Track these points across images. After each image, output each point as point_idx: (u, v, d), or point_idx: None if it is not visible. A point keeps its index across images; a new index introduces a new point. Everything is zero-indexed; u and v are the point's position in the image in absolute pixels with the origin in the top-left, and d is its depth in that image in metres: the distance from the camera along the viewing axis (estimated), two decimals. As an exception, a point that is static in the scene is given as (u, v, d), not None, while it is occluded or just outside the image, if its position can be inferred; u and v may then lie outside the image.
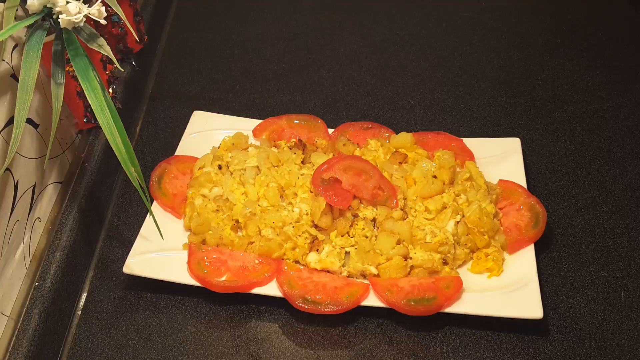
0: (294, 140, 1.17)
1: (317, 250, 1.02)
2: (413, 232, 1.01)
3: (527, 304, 0.92)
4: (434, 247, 0.99)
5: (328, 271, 1.01)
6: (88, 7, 0.94)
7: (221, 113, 1.26)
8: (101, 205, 1.15)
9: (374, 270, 0.99)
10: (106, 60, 1.14)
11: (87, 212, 1.09)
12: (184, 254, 1.02)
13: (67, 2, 0.92)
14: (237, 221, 1.05)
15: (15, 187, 0.95)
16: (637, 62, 1.39)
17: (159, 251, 1.02)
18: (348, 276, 1.01)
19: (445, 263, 1.00)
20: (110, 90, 1.15)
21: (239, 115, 1.25)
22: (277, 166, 1.11)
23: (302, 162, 1.12)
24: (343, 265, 1.01)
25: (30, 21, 0.93)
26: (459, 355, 0.93)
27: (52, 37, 0.96)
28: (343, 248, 1.02)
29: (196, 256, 1.01)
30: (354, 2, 1.61)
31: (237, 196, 1.08)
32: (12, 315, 0.94)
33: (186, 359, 0.94)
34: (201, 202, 1.08)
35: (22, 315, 0.94)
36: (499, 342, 0.94)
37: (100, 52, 0.96)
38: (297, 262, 1.03)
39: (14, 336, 0.92)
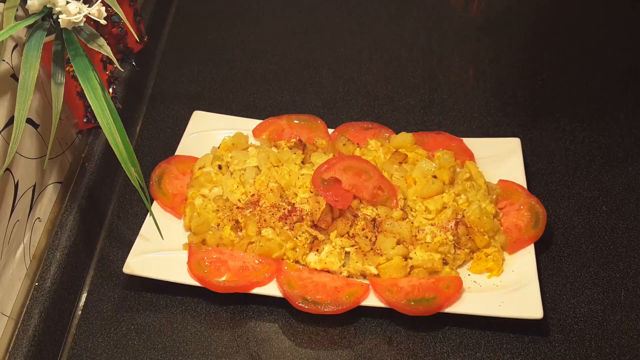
0: (294, 140, 1.17)
1: (317, 250, 1.02)
2: (413, 232, 1.01)
3: (527, 304, 0.92)
4: (434, 247, 1.00)
5: (328, 271, 1.01)
6: (88, 7, 0.94)
7: (221, 113, 1.26)
8: (101, 205, 1.15)
9: (374, 270, 0.99)
10: (106, 60, 1.14)
11: (87, 212, 1.09)
12: (184, 254, 1.02)
13: (67, 2, 0.92)
14: (237, 221, 1.05)
15: (15, 187, 0.95)
16: (637, 63, 1.39)
17: (159, 251, 1.02)
18: (348, 276, 1.01)
19: (445, 263, 1.00)
20: (110, 90, 1.15)
21: (239, 115, 1.25)
22: (277, 166, 1.11)
23: (302, 162, 1.12)
24: (343, 266, 1.01)
25: (30, 21, 0.93)
26: (459, 355, 0.93)
27: (52, 37, 0.96)
28: (343, 248, 1.02)
29: (196, 256, 1.01)
30: (354, 2, 1.61)
31: (237, 196, 1.08)
32: (12, 315, 0.94)
33: (186, 359, 0.95)
34: (201, 202, 1.08)
35: (22, 315, 0.94)
36: (499, 342, 0.94)
37: (100, 52, 0.96)
38: (297, 262, 1.03)
39: (14, 336, 0.92)
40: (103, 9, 0.95)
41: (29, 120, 1.01)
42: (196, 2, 1.64)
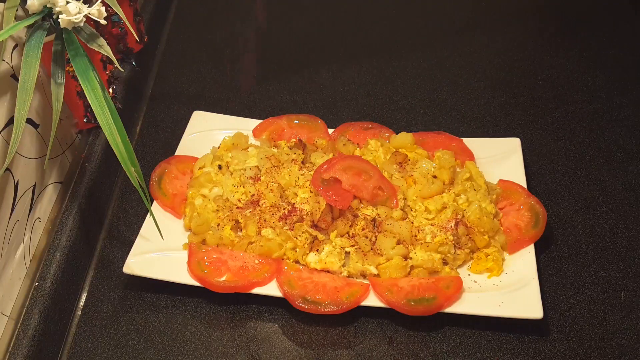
0: (294, 140, 1.17)
1: (317, 250, 1.02)
2: (413, 232, 1.01)
3: (527, 304, 0.92)
4: (434, 247, 0.99)
5: (328, 271, 1.01)
6: (88, 7, 0.94)
7: (221, 113, 1.26)
8: (101, 205, 1.15)
9: (374, 270, 0.99)
10: (106, 60, 1.14)
11: (87, 212, 1.09)
12: (184, 254, 1.02)
13: (67, 2, 0.92)
14: (237, 221, 1.05)
15: (15, 187, 0.95)
16: (637, 62, 1.39)
17: (159, 251, 1.02)
18: (348, 276, 1.01)
19: (445, 263, 1.00)
20: (110, 90, 1.15)
21: (239, 115, 1.25)
22: (277, 166, 1.11)
23: (302, 162, 1.12)
24: (343, 266, 1.01)
25: (30, 21, 0.93)
26: (459, 355, 0.93)
27: (52, 37, 0.96)
28: (343, 248, 1.02)
29: (196, 256, 1.01)
30: (354, 2, 1.61)
31: (237, 196, 1.08)
32: (12, 315, 0.94)
33: (186, 359, 0.94)
34: (201, 202, 1.08)
35: (22, 315, 0.94)
36: (499, 342, 0.94)
37: (100, 52, 0.96)
38: (297, 262, 1.03)
39: (14, 336, 0.92)
40: (103, 9, 0.95)
41: (29, 120, 1.01)
42: (196, 2, 1.64)
